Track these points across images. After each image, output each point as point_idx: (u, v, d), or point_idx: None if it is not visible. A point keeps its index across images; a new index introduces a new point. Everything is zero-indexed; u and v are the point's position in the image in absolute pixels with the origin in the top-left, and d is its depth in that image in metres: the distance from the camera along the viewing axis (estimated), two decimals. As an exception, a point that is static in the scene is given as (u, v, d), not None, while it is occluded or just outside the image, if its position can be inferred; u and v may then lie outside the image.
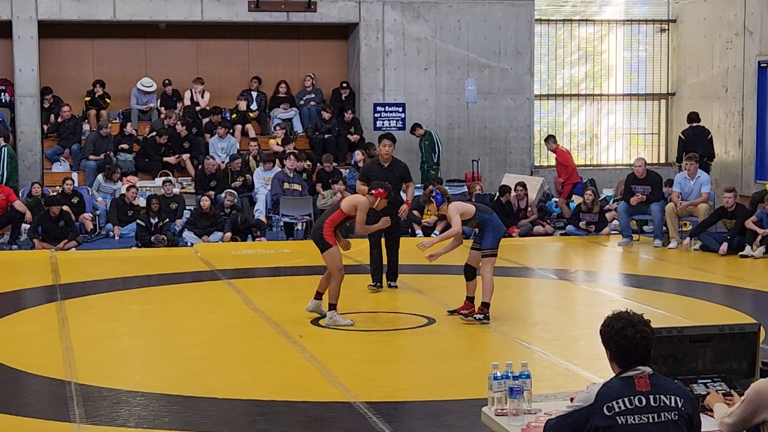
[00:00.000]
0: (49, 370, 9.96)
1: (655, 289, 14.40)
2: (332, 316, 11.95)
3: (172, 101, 22.64)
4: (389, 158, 14.09)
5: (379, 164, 14.11)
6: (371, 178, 13.74)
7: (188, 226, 19.14)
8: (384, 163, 14.07)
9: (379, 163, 14.15)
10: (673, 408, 5.01)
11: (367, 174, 14.02)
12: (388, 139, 14.17)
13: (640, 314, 5.16)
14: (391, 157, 14.14)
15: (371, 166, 14.32)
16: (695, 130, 20.69)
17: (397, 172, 14.09)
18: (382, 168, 14.01)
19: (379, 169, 13.99)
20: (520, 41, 23.53)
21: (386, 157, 14.07)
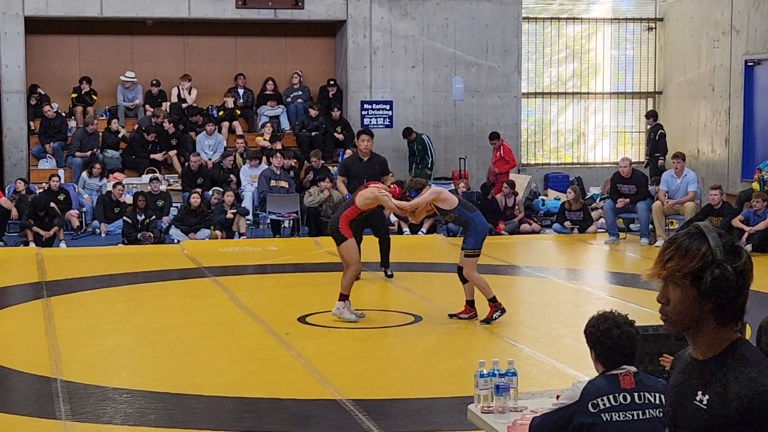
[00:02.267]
0: (35, 367, 9.94)
1: (641, 287, 14.41)
2: (339, 307, 11.97)
3: (157, 101, 22.60)
4: (368, 152, 14.23)
5: (359, 159, 14.25)
6: (352, 172, 13.88)
7: (175, 223, 19.12)
8: (363, 158, 14.18)
9: (359, 157, 14.26)
10: (658, 405, 5.02)
11: (347, 168, 14.16)
12: (366, 134, 14.38)
13: (625, 314, 5.17)
14: (370, 152, 14.25)
15: (351, 160, 14.46)
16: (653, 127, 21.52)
17: (377, 166, 14.22)
18: (362, 162, 14.11)
19: (359, 164, 14.10)
20: (507, 39, 23.55)
21: (365, 152, 14.21)
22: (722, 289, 3.03)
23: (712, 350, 3.10)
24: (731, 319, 3.10)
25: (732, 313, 3.09)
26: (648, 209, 18.42)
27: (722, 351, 3.08)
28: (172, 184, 20.99)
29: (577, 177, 23.80)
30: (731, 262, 3.05)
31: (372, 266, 14.64)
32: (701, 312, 3.07)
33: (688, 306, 3.09)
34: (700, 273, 3.04)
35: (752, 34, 21.83)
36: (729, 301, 3.06)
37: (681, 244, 3.10)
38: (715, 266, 3.02)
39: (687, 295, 3.07)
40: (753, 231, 17.08)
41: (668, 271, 3.11)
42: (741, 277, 3.07)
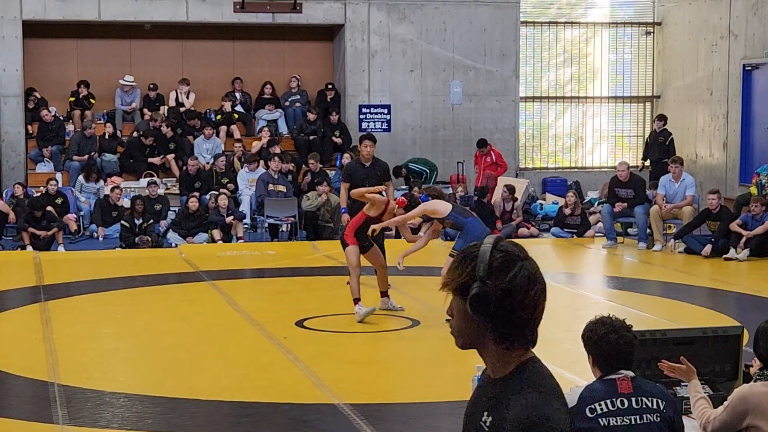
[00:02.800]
0: (32, 371, 9.92)
1: (639, 292, 14.42)
2: (356, 311, 12.21)
3: (155, 105, 22.59)
4: (371, 158, 14.19)
5: (361, 164, 14.20)
6: (354, 177, 13.88)
7: (173, 227, 19.11)
8: (366, 163, 14.15)
9: (361, 163, 14.23)
10: (655, 410, 5.02)
11: (350, 174, 14.15)
12: (369, 139, 14.30)
13: (622, 319, 5.17)
14: (372, 157, 14.24)
15: (354, 165, 14.41)
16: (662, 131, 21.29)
17: (379, 171, 14.20)
18: (365, 168, 14.09)
19: (361, 169, 14.08)
20: (505, 43, 23.55)
21: (368, 157, 14.18)
22: (480, 307, 2.91)
23: (501, 370, 3.00)
24: (511, 340, 2.96)
25: (510, 333, 2.95)
26: (646, 213, 18.42)
27: (510, 372, 2.97)
28: (169, 187, 20.98)
29: (575, 181, 23.79)
30: (496, 280, 2.91)
31: (368, 270, 14.61)
32: (478, 329, 2.96)
33: (465, 322, 2.98)
34: (467, 288, 2.93)
35: (750, 39, 21.84)
36: (501, 321, 2.92)
37: (459, 257, 2.99)
38: (477, 283, 2.91)
39: (462, 310, 2.96)
40: (751, 235, 17.07)
41: (444, 284, 3.02)
42: (508, 297, 2.91)
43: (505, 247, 2.96)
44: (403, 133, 22.94)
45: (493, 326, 2.94)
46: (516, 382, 2.95)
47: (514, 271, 2.92)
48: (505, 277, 2.91)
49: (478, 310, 2.91)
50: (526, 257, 2.97)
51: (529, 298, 2.94)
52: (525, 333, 2.98)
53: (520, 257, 2.96)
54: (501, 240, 3.00)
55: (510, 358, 2.98)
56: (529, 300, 2.94)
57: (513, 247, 2.98)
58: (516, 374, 2.97)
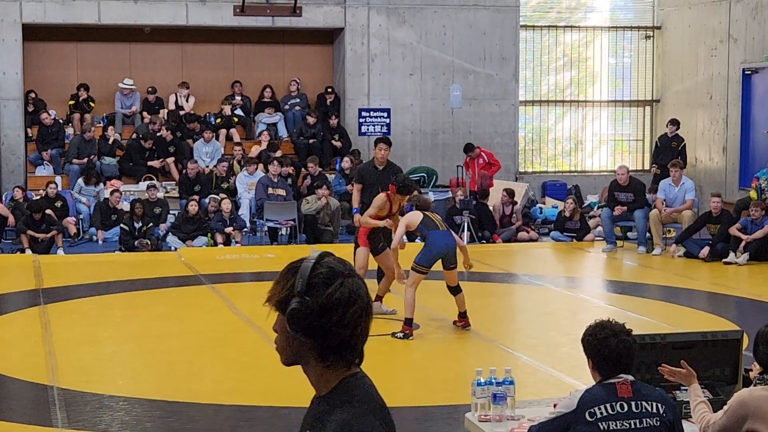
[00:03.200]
0: (32, 374, 9.92)
1: (639, 296, 14.42)
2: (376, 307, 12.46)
3: (155, 108, 22.59)
4: (384, 161, 14.22)
5: (374, 167, 14.24)
6: (366, 180, 13.99)
7: (172, 230, 19.11)
8: (379, 166, 14.18)
9: (374, 165, 14.26)
10: (655, 414, 5.02)
11: (362, 176, 14.24)
12: (383, 142, 14.34)
13: (622, 323, 5.17)
14: (386, 161, 14.27)
15: (367, 168, 14.44)
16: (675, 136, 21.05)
17: (392, 175, 14.19)
18: (377, 171, 14.12)
19: (374, 172, 14.13)
20: (505, 47, 23.55)
21: (381, 161, 14.21)
22: (298, 323, 2.87)
23: (324, 388, 2.95)
24: (332, 357, 2.91)
25: (330, 351, 2.90)
26: (645, 217, 18.43)
27: (332, 390, 2.93)
28: (169, 191, 20.97)
29: (575, 185, 23.79)
30: (315, 296, 2.86)
31: (369, 274, 14.61)
32: (299, 346, 2.92)
33: (286, 338, 2.94)
34: (287, 303, 2.89)
35: (750, 43, 21.85)
36: (321, 338, 2.87)
37: (282, 271, 2.94)
38: (296, 298, 2.86)
39: (283, 326, 2.92)
40: (750, 239, 17.08)
41: (267, 298, 2.97)
42: (326, 314, 2.85)
43: (328, 263, 2.90)
44: (403, 136, 22.93)
45: (313, 343, 2.88)
46: (335, 399, 2.89)
47: (333, 288, 2.86)
48: (323, 293, 2.85)
49: (295, 326, 2.87)
50: (350, 275, 2.91)
51: (348, 316, 2.87)
52: (346, 351, 2.90)
53: (342, 274, 2.89)
54: (326, 255, 2.93)
55: (332, 375, 2.92)
56: (348, 318, 2.87)
57: (337, 264, 2.92)
58: (336, 391, 2.91)
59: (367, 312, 2.92)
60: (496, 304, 13.67)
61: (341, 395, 2.90)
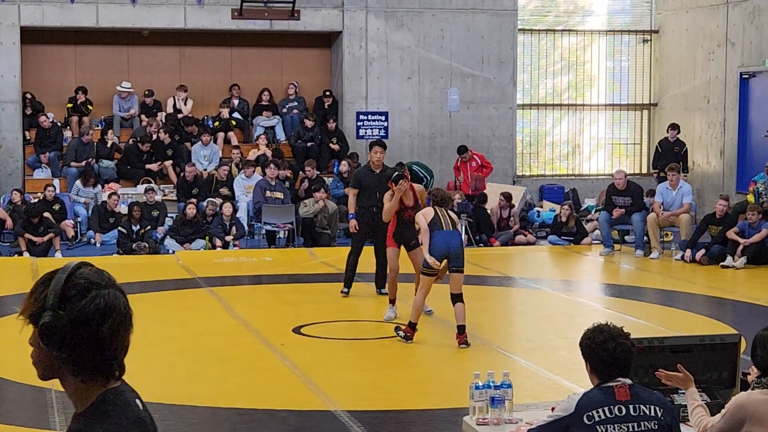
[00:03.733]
0: (30, 377, 9.86)
1: (637, 299, 14.43)
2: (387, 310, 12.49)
3: (153, 111, 22.60)
4: (380, 164, 14.20)
5: (370, 170, 14.21)
6: (363, 184, 13.96)
7: (170, 233, 19.11)
8: (375, 170, 14.15)
9: (370, 169, 14.23)
10: (653, 418, 5.03)
11: (359, 180, 14.21)
12: (379, 146, 14.30)
13: (620, 327, 5.17)
14: (382, 164, 14.24)
15: (363, 172, 14.41)
16: (676, 141, 20.98)
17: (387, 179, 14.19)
18: (374, 174, 14.09)
19: (371, 176, 14.11)
20: (503, 51, 23.57)
21: (377, 164, 14.18)
22: (50, 337, 2.73)
23: (81, 404, 2.81)
24: (88, 373, 2.78)
25: (86, 366, 2.77)
26: (643, 221, 18.44)
27: (89, 406, 2.80)
28: (167, 194, 20.97)
29: (572, 189, 23.81)
30: (67, 310, 2.73)
31: (367, 277, 14.63)
32: (54, 360, 2.77)
33: (41, 351, 2.79)
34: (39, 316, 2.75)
35: (747, 47, 21.88)
36: (75, 353, 2.73)
37: (36, 282, 2.82)
38: (47, 312, 2.73)
39: (37, 340, 2.78)
40: (748, 243, 17.09)
41: (21, 311, 2.84)
42: (79, 328, 2.73)
43: (83, 274, 2.79)
44: (401, 140, 22.94)
45: (67, 358, 2.75)
46: (91, 416, 2.77)
47: (87, 300, 2.75)
48: (77, 306, 2.74)
49: (48, 341, 2.74)
50: (106, 285, 2.82)
51: (104, 329, 2.76)
52: (103, 365, 2.80)
53: (98, 285, 2.79)
54: (83, 266, 2.82)
55: (89, 390, 2.80)
56: (104, 332, 2.76)
57: (94, 275, 2.81)
58: (93, 408, 2.79)
59: (126, 324, 2.82)
60: (493, 307, 13.68)
61: (98, 411, 2.77)
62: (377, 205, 13.84)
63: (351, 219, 14.37)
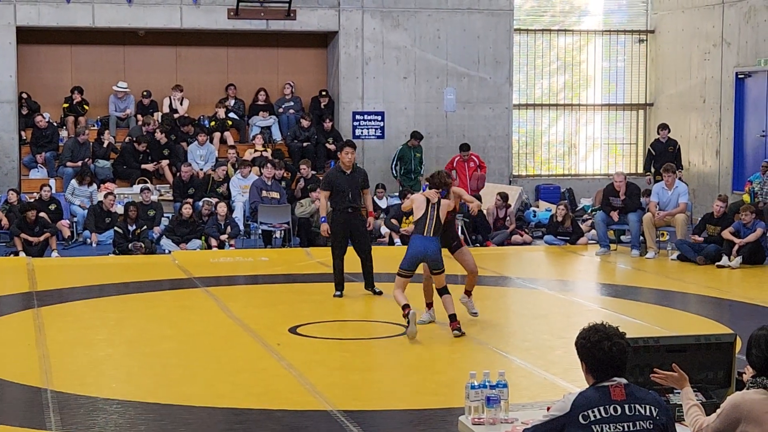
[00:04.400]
0: (25, 377, 9.91)
1: (633, 299, 14.44)
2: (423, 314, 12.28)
3: (149, 111, 22.59)
4: (351, 165, 14.16)
5: (342, 171, 14.16)
6: (335, 185, 13.92)
7: (166, 233, 19.10)
8: (346, 170, 14.11)
9: (341, 170, 14.18)
10: (649, 417, 5.03)
11: (330, 181, 14.16)
12: (349, 146, 14.24)
13: (616, 326, 5.18)
14: (353, 164, 14.21)
15: (334, 173, 14.34)
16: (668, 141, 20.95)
17: (359, 179, 14.18)
18: (345, 175, 14.09)
19: (342, 177, 14.09)
20: (498, 51, 23.58)
21: (348, 164, 14.13)
22: None
23: None
24: None
25: None
26: (639, 221, 18.45)
27: None
28: (163, 194, 20.97)
29: (568, 188, 23.83)
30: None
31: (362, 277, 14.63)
32: None
33: None
34: None
35: (743, 47, 21.90)
36: None
37: None
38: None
39: None
40: (743, 243, 17.11)
41: None
42: None
43: None
44: (397, 140, 22.94)
45: None
46: None
47: None
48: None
49: None
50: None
51: None
52: None
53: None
54: None
55: None
56: None
57: None
58: None
59: None
60: (489, 307, 13.68)
61: None
62: (352, 206, 13.85)
63: (323, 222, 14.37)
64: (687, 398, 5.68)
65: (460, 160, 21.13)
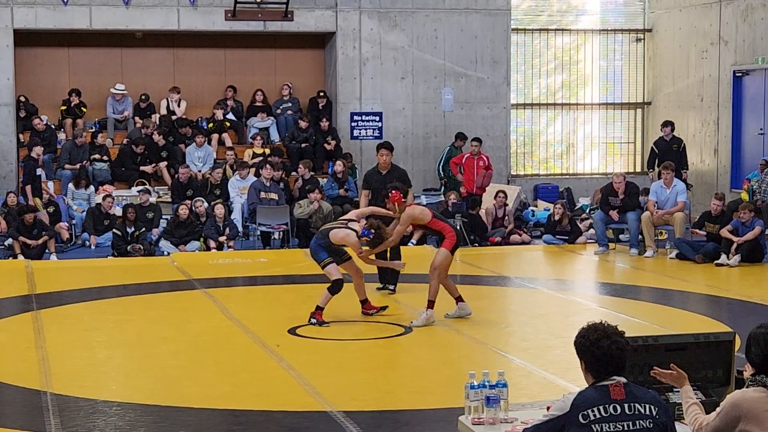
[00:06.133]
0: (25, 380, 9.91)
1: (632, 298, 14.44)
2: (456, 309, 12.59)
3: (147, 113, 22.58)
4: (387, 166, 14.67)
5: (378, 172, 14.68)
6: (371, 185, 14.48)
7: (165, 235, 19.10)
8: (383, 171, 14.59)
9: (378, 171, 14.69)
10: (648, 416, 5.04)
11: (367, 181, 14.74)
12: (384, 148, 14.83)
13: (615, 325, 5.18)
14: (390, 165, 14.60)
15: (371, 173, 14.90)
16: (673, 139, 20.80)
17: (395, 179, 14.41)
18: (381, 175, 14.56)
19: (378, 177, 14.57)
20: (496, 50, 23.59)
21: (384, 165, 14.67)
22: None
23: None
24: None
25: None
26: (638, 220, 18.45)
27: None
28: (161, 196, 20.97)
29: (567, 188, 23.83)
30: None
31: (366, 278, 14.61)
32: None
33: None
34: None
35: (740, 45, 21.91)
36: None
37: None
38: None
39: None
40: (741, 241, 17.11)
41: None
42: None
43: None
44: (395, 140, 22.85)
45: None
46: None
47: None
48: None
49: None
50: None
51: None
52: None
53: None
54: None
55: None
56: None
57: None
58: None
59: None
60: (488, 306, 13.68)
61: None
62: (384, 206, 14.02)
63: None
64: (686, 397, 5.68)
65: (470, 157, 21.07)
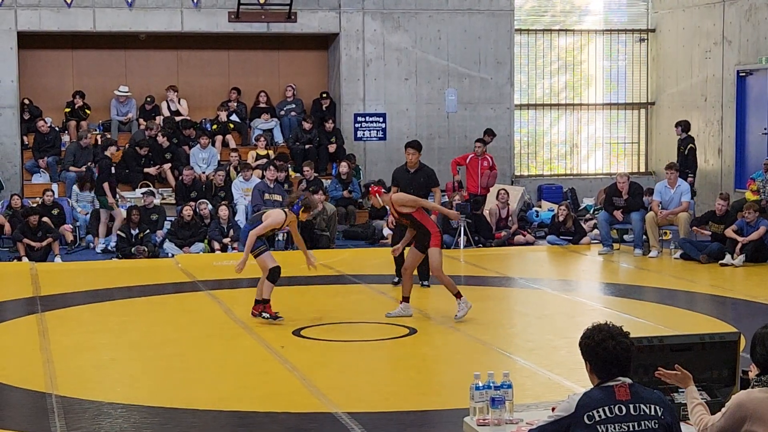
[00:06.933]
0: (30, 382, 9.92)
1: (636, 298, 14.43)
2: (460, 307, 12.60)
3: (151, 115, 22.58)
4: (415, 165, 14.84)
5: (406, 170, 14.89)
6: (399, 183, 14.65)
7: (169, 237, 19.10)
8: (411, 169, 14.81)
9: (406, 169, 14.90)
10: (653, 417, 5.03)
11: (395, 178, 14.96)
12: (411, 147, 14.94)
13: (620, 326, 5.18)
14: (417, 164, 14.79)
15: (399, 171, 15.10)
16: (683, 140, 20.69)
17: (422, 178, 14.76)
18: (408, 174, 14.79)
19: (405, 175, 14.80)
20: (500, 51, 23.58)
21: (412, 164, 14.85)
22: None
23: None
24: None
25: None
26: (642, 220, 18.44)
27: None
28: (166, 198, 20.97)
29: (571, 188, 23.82)
30: None
31: (367, 279, 14.63)
32: None
33: None
34: None
35: (744, 45, 21.88)
36: None
37: None
38: None
39: None
40: (746, 241, 17.10)
41: None
42: None
43: None
44: (399, 141, 22.87)
45: None
46: None
47: None
48: None
49: None
50: None
51: None
52: None
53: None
54: None
55: None
56: None
57: None
58: None
59: None
60: (493, 307, 13.68)
61: None
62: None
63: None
64: (692, 397, 5.68)
65: (474, 157, 21.03)
